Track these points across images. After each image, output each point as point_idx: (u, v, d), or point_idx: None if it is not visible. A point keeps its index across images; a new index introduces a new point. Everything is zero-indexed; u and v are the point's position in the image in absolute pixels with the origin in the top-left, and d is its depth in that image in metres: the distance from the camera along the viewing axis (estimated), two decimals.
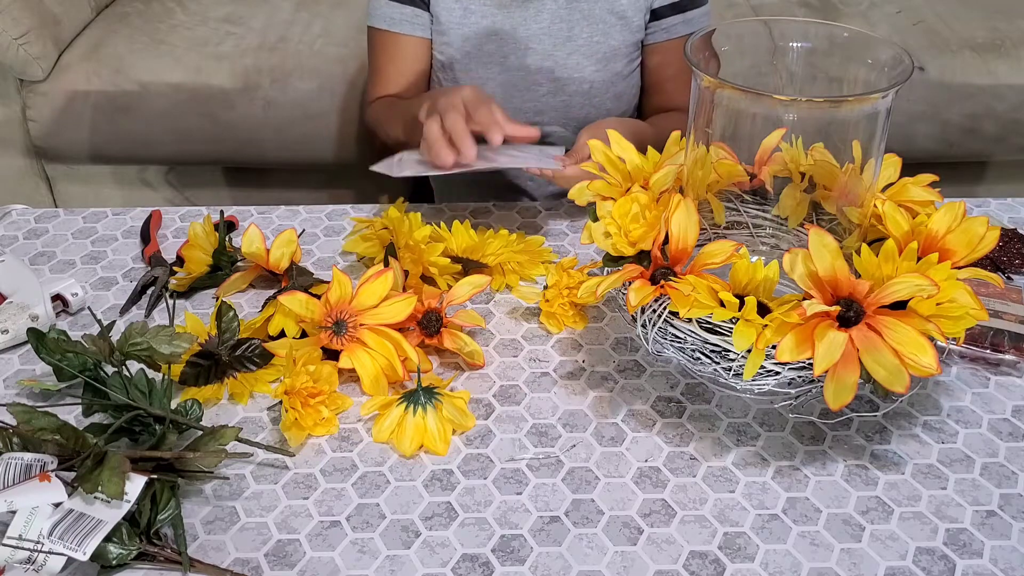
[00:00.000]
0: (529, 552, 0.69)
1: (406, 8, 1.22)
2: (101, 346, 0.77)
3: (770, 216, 0.84)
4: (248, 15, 2.02)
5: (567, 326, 0.91)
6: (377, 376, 0.82)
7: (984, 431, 0.79)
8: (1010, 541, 0.70)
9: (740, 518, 0.72)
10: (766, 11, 2.06)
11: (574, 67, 1.23)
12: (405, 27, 1.23)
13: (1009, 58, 1.90)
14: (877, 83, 0.76)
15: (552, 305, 0.90)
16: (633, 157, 0.85)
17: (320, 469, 0.76)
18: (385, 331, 0.83)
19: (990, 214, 1.09)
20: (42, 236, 1.06)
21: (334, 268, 0.85)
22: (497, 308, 0.95)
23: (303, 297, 0.83)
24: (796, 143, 0.77)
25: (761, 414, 0.81)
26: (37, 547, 0.64)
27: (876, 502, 0.73)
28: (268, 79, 1.85)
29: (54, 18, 1.88)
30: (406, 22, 1.23)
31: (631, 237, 0.78)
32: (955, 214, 0.76)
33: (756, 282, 0.72)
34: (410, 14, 1.23)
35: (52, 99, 1.85)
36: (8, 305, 0.90)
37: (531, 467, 0.76)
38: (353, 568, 0.68)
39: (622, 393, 0.84)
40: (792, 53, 0.82)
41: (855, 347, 0.67)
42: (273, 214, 1.10)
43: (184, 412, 0.76)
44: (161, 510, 0.69)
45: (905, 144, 1.68)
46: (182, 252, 0.97)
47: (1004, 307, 0.89)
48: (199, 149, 1.90)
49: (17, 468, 0.68)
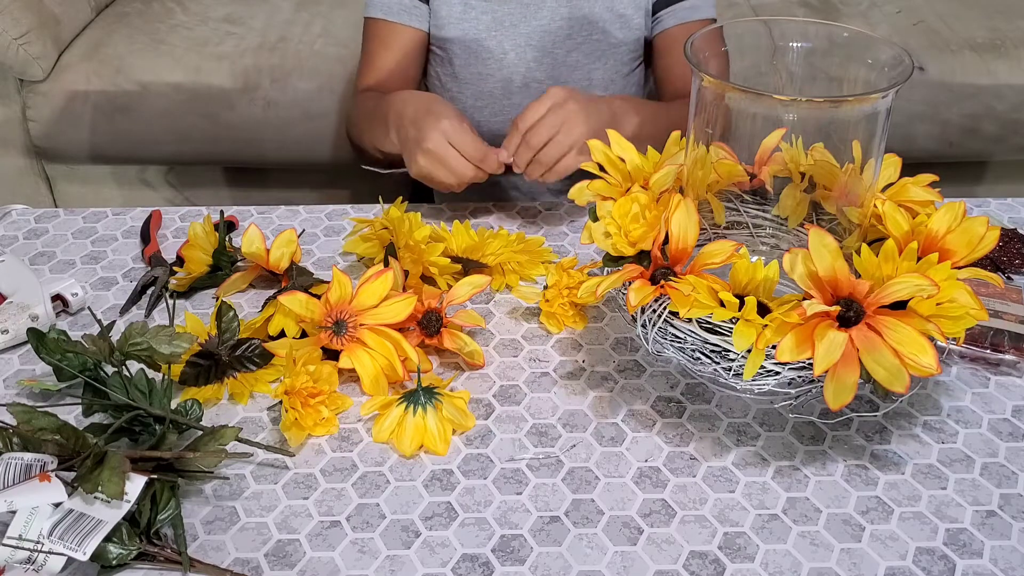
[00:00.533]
0: (529, 552, 0.69)
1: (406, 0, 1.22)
2: (101, 346, 0.77)
3: (770, 216, 0.84)
4: (248, 15, 2.02)
5: (567, 326, 0.91)
6: (377, 376, 0.82)
7: (984, 431, 0.79)
8: (1010, 541, 0.70)
9: (740, 518, 0.72)
10: (766, 11, 2.06)
11: (573, 65, 1.23)
12: (403, 17, 1.23)
13: (1009, 58, 1.90)
14: (877, 83, 0.76)
15: (552, 305, 0.90)
16: (633, 157, 0.85)
17: (320, 469, 0.76)
18: (385, 331, 0.83)
19: (990, 214, 1.09)
20: (42, 236, 1.06)
21: (334, 268, 0.85)
22: (497, 308, 0.95)
23: (303, 297, 0.83)
24: (796, 143, 0.77)
25: (761, 414, 0.81)
26: (37, 547, 0.64)
27: (876, 502, 0.73)
28: (268, 79, 1.85)
29: (54, 18, 1.88)
30: (404, 12, 1.23)
31: (631, 237, 0.78)
32: (955, 214, 0.76)
33: (756, 282, 0.72)
34: (408, 4, 1.22)
35: (52, 99, 1.85)
36: (8, 305, 0.90)
37: (531, 467, 0.76)
38: (353, 568, 0.68)
39: (622, 393, 0.84)
40: (792, 53, 0.82)
41: (855, 347, 0.67)
42: (273, 214, 1.10)
43: (184, 412, 0.76)
44: (161, 510, 0.69)
45: (905, 144, 1.69)
46: (182, 252, 0.97)
47: (1004, 307, 0.89)
48: (199, 149, 1.90)
49: (17, 468, 0.68)
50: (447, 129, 0.99)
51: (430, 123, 1.00)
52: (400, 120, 1.04)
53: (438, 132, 0.99)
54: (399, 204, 0.98)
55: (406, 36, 1.24)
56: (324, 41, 1.91)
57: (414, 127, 1.01)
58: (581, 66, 1.23)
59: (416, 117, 1.02)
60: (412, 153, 1.01)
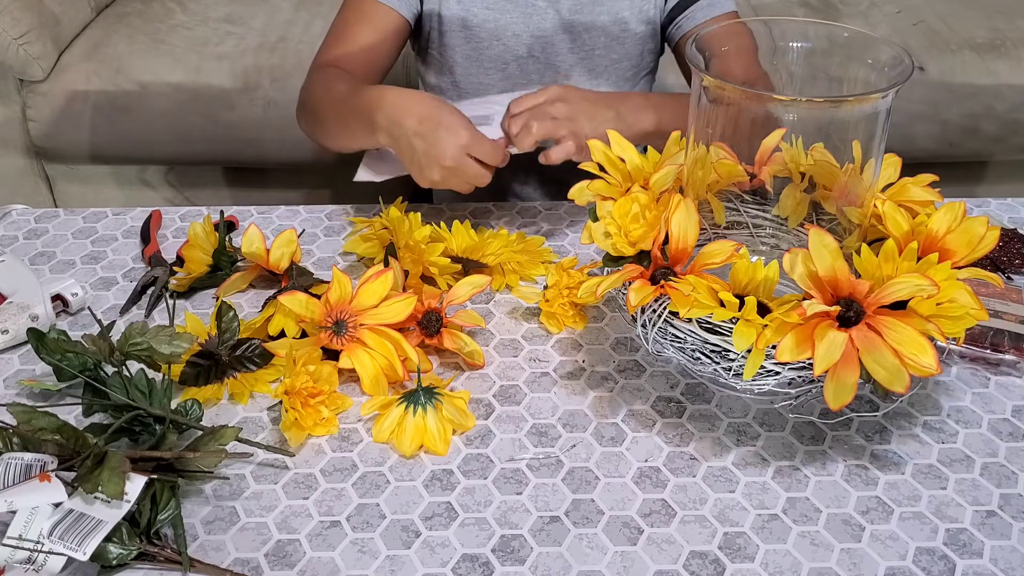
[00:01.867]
0: (529, 552, 0.69)
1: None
2: (101, 346, 0.77)
3: (770, 216, 0.84)
4: (248, 15, 2.02)
5: (567, 326, 0.91)
6: (377, 376, 0.82)
7: (984, 431, 0.79)
8: (1010, 541, 0.70)
9: (740, 518, 0.72)
10: (766, 11, 2.06)
11: (576, 80, 1.21)
12: (393, 2, 1.15)
13: (1009, 58, 1.90)
14: (877, 83, 0.76)
15: (552, 305, 0.90)
16: (633, 157, 0.85)
17: (320, 469, 0.76)
18: (385, 331, 0.83)
19: (990, 214, 1.09)
20: (42, 236, 1.06)
21: (334, 268, 0.85)
22: (497, 308, 0.95)
23: (303, 297, 0.83)
24: (796, 143, 0.77)
25: (761, 414, 0.81)
26: (37, 547, 0.64)
27: (876, 502, 0.73)
28: (268, 79, 1.85)
29: (54, 18, 1.88)
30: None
31: (631, 237, 0.78)
32: (955, 214, 0.76)
33: (756, 282, 0.72)
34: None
35: (52, 99, 1.85)
36: (8, 305, 0.90)
37: (531, 467, 0.76)
38: (353, 568, 0.68)
39: (622, 393, 0.84)
40: (792, 53, 0.82)
41: (855, 347, 0.67)
42: (273, 214, 1.10)
43: (184, 412, 0.76)
44: (161, 510, 0.69)
45: (905, 144, 1.68)
46: (182, 252, 0.97)
47: (1004, 307, 0.89)
48: (199, 149, 1.90)
49: (17, 468, 0.68)
50: (467, 143, 0.93)
51: (447, 139, 0.93)
52: (399, 129, 0.95)
53: (457, 148, 0.93)
54: (399, 204, 0.98)
55: (390, 18, 1.16)
56: None
57: (423, 140, 0.94)
58: (581, 82, 1.21)
59: (424, 130, 0.94)
60: (425, 167, 0.95)
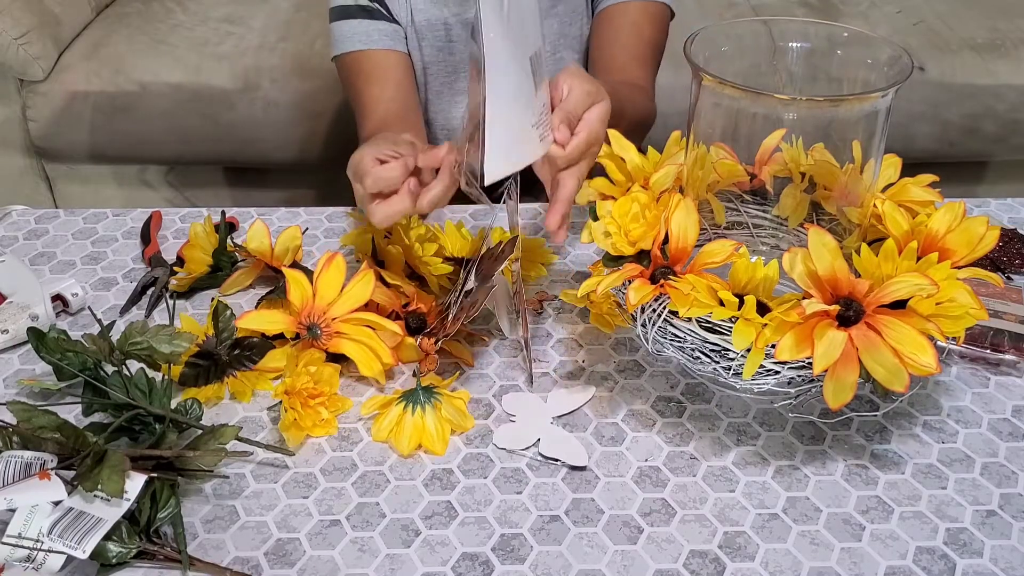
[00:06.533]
0: (529, 551, 0.69)
1: (382, 24, 1.07)
2: (101, 346, 0.77)
3: (770, 216, 0.84)
4: (248, 15, 2.02)
5: (616, 325, 0.88)
6: (369, 357, 0.82)
7: (984, 431, 0.79)
8: (1010, 541, 0.70)
9: (740, 517, 0.72)
10: (766, 11, 2.06)
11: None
12: (386, 43, 1.08)
13: (1009, 58, 1.91)
14: (877, 83, 0.76)
15: (600, 307, 0.87)
16: (633, 157, 0.85)
17: (320, 468, 0.76)
18: (357, 316, 0.83)
19: (990, 214, 1.09)
20: (42, 237, 1.06)
21: (283, 268, 0.85)
22: None
23: (265, 313, 0.84)
24: (796, 143, 0.77)
25: (761, 414, 0.81)
26: (37, 545, 0.64)
27: (876, 502, 0.73)
28: (268, 79, 1.85)
29: (54, 18, 1.89)
30: (386, 38, 1.08)
31: (631, 237, 0.78)
32: (955, 214, 0.76)
33: (756, 281, 0.72)
34: (389, 31, 1.08)
35: (52, 99, 1.85)
36: (8, 305, 0.90)
37: (531, 467, 0.76)
38: (353, 567, 0.68)
39: (622, 393, 0.84)
40: (792, 53, 0.82)
41: (854, 346, 0.67)
42: (273, 215, 1.10)
43: (184, 411, 0.76)
44: (161, 508, 0.69)
45: (905, 144, 1.69)
46: (182, 252, 0.97)
47: (1004, 307, 0.89)
48: (199, 149, 1.90)
49: (17, 466, 0.68)
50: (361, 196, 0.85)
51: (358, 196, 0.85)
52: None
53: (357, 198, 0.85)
54: None
55: (399, 63, 1.08)
56: (324, 41, 1.91)
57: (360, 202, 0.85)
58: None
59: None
60: None
